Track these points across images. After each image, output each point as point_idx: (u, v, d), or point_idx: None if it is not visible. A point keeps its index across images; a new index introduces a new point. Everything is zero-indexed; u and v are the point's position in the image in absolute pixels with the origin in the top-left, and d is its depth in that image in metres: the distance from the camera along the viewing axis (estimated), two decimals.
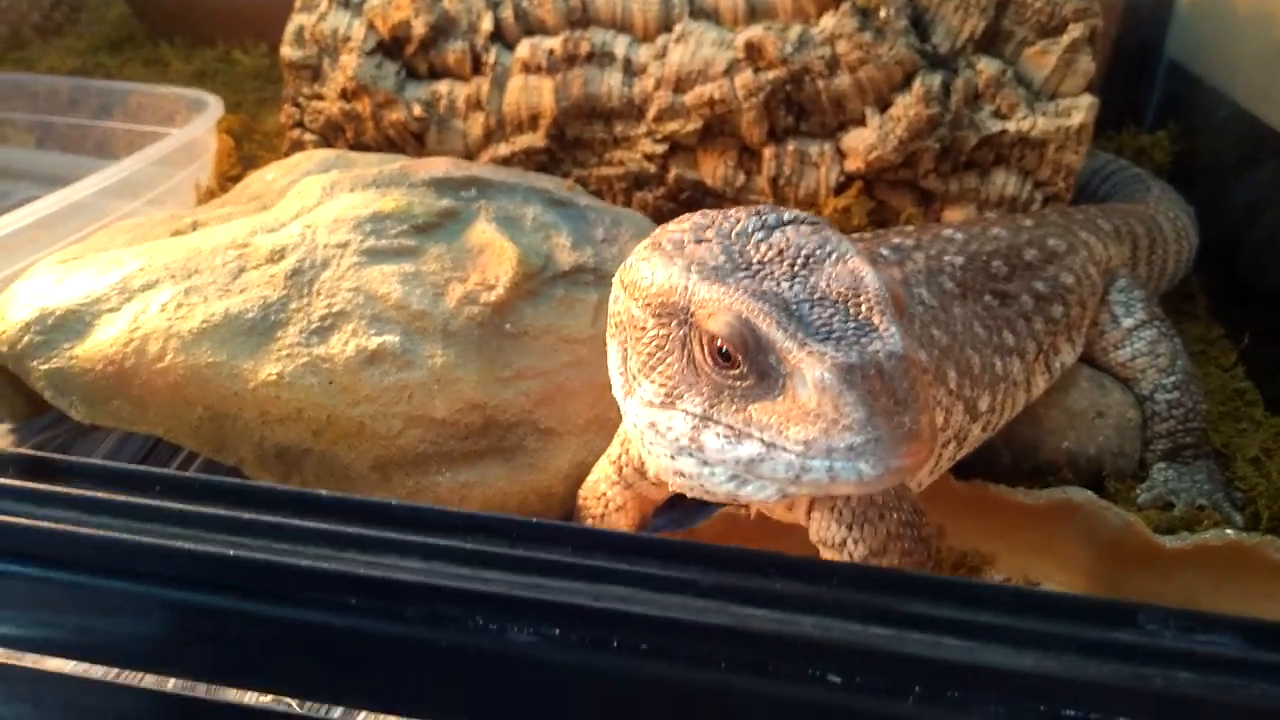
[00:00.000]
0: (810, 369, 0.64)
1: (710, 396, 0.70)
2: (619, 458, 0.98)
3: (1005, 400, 1.09)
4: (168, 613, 0.52)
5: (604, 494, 1.02)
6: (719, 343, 0.69)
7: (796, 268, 0.70)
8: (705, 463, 0.73)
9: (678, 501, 1.09)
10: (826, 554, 0.88)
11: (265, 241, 1.11)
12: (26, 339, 1.04)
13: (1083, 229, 1.31)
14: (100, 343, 1.02)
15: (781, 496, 0.72)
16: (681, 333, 0.73)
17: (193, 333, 1.02)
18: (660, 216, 1.61)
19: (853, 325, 0.66)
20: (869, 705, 0.44)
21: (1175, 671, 0.46)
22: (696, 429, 0.71)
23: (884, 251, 1.09)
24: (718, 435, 0.69)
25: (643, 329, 0.77)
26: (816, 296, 0.68)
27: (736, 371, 0.69)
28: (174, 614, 0.52)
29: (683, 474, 0.77)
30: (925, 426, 0.62)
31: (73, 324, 1.05)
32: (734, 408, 0.69)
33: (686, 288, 0.72)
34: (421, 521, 0.53)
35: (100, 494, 0.55)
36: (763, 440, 0.66)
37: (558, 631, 0.47)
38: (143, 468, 0.58)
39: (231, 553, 0.51)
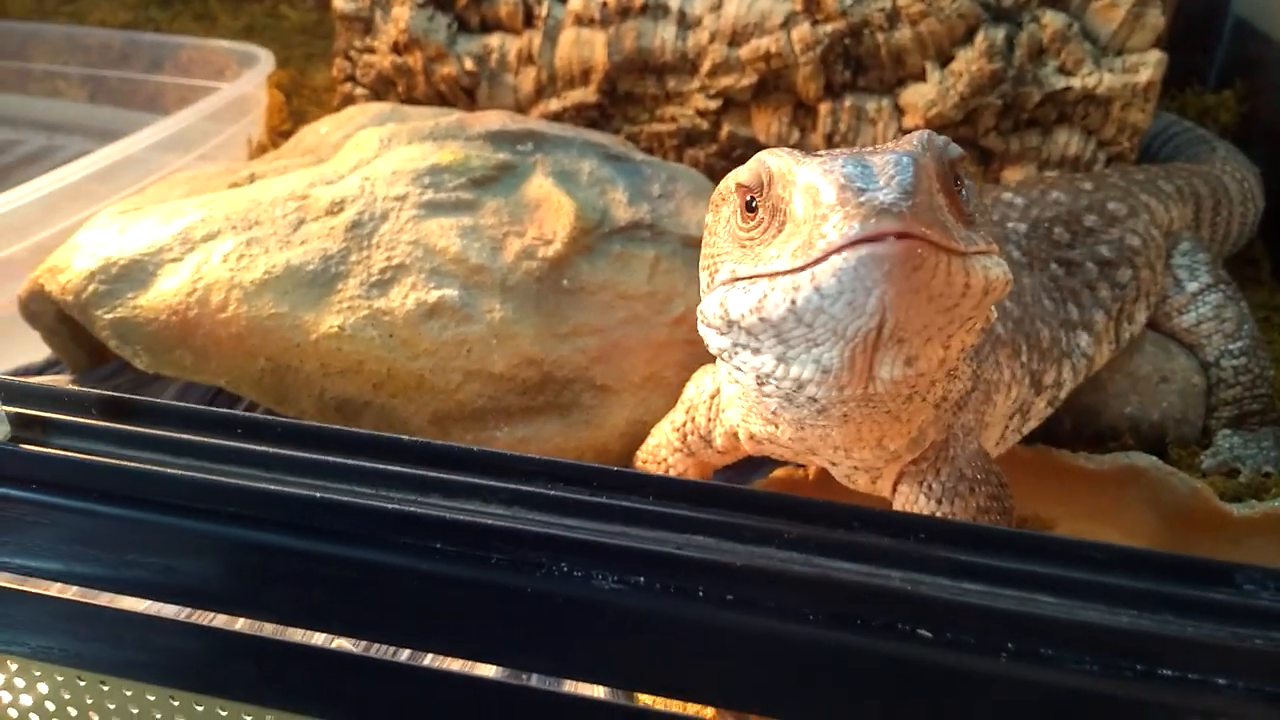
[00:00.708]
0: (801, 176, 0.60)
1: (736, 256, 0.67)
2: (684, 425, 0.97)
3: (1071, 374, 1.07)
4: (252, 554, 0.53)
5: (664, 459, 1.02)
6: (745, 193, 0.66)
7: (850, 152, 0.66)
8: (739, 341, 0.66)
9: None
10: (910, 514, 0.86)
11: (324, 194, 1.11)
12: (91, 288, 1.05)
13: (1143, 190, 1.27)
14: (164, 292, 1.03)
15: (826, 375, 0.62)
16: (728, 210, 0.70)
17: (255, 284, 1.03)
18: (712, 174, 1.59)
19: (863, 159, 0.60)
20: (961, 661, 0.44)
21: (1274, 632, 0.45)
22: (726, 296, 0.66)
23: None
24: (741, 291, 0.64)
25: (710, 230, 0.74)
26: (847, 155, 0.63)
27: (755, 220, 0.65)
28: (258, 556, 0.52)
29: (748, 369, 0.68)
30: (919, 205, 0.55)
31: (136, 274, 1.05)
32: (751, 256, 0.65)
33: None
34: (504, 467, 0.53)
35: (185, 435, 0.56)
36: (766, 275, 0.61)
37: (642, 580, 0.47)
38: (225, 410, 0.59)
39: (319, 495, 0.51)
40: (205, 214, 1.10)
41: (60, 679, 0.61)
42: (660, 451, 1.03)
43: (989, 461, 0.87)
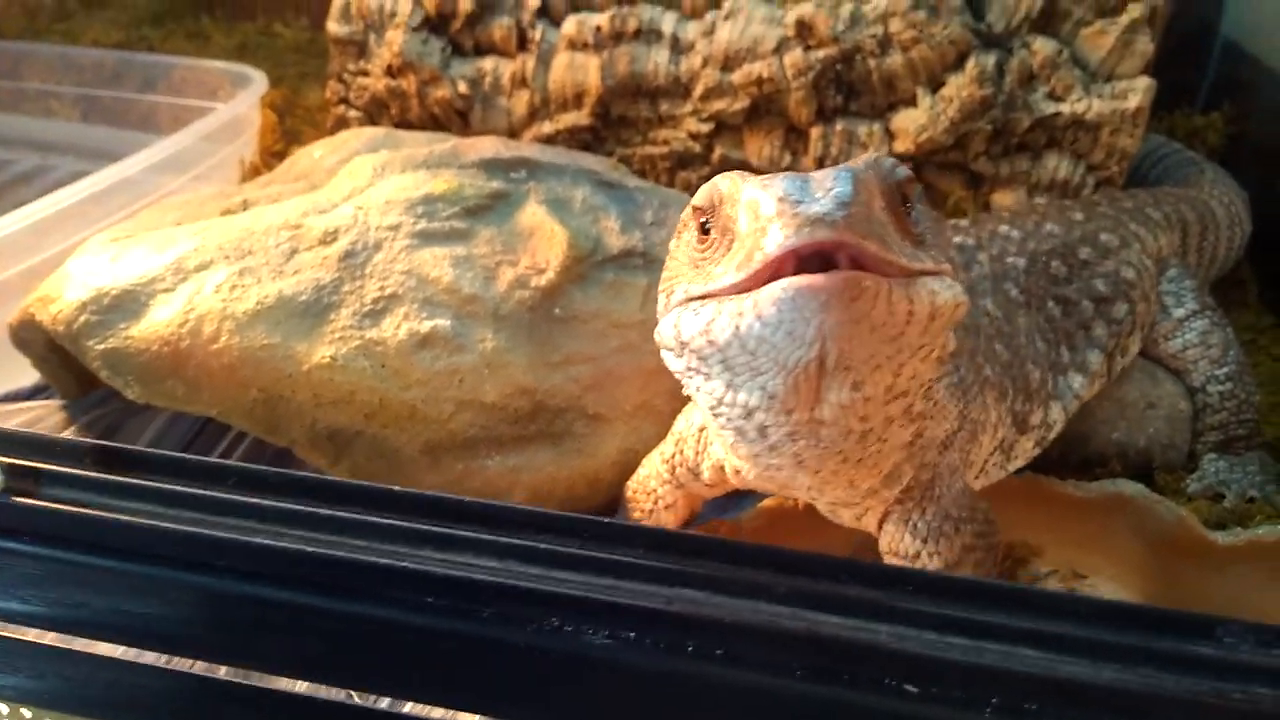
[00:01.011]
0: (744, 193, 0.61)
1: (690, 277, 0.67)
2: (672, 457, 0.98)
3: (1062, 414, 1.07)
4: (244, 607, 0.53)
5: (654, 490, 1.02)
6: (699, 215, 0.67)
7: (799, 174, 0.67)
8: (691, 365, 0.66)
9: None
10: (897, 563, 0.87)
11: (318, 223, 1.11)
12: (83, 318, 1.05)
13: (1132, 220, 1.28)
14: (156, 323, 1.03)
15: (772, 400, 0.63)
16: (688, 235, 0.71)
17: (247, 314, 1.03)
18: None
19: (806, 176, 0.60)
20: (946, 716, 0.44)
21: (1255, 687, 0.46)
22: (680, 317, 0.66)
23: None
24: (692, 313, 0.64)
25: (671, 254, 0.75)
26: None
27: (708, 241, 0.66)
28: (251, 608, 0.53)
29: (703, 394, 0.69)
30: (855, 216, 0.55)
31: (128, 304, 1.06)
32: (702, 275, 0.65)
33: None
34: (494, 519, 0.53)
35: (178, 487, 0.56)
36: (715, 295, 0.61)
37: (633, 635, 0.48)
38: (218, 461, 0.59)
39: (310, 550, 0.51)
40: (198, 243, 1.10)
41: None
42: (650, 483, 1.03)
43: (975, 499, 0.88)
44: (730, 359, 0.62)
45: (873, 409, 0.67)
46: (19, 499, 0.56)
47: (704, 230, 0.67)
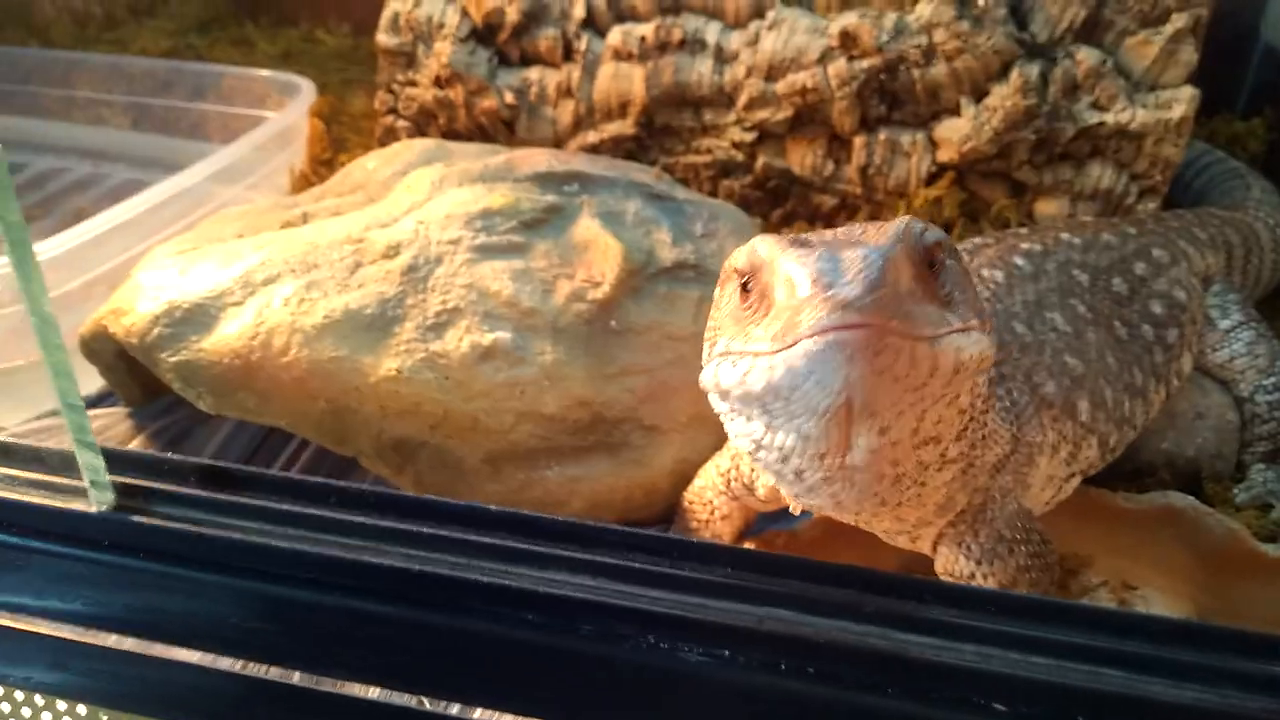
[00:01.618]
0: (782, 267, 0.66)
1: (730, 333, 0.72)
2: (728, 472, 1.00)
3: (1123, 440, 1.08)
4: (349, 621, 0.55)
5: (709, 501, 1.04)
6: (741, 276, 0.72)
7: (839, 236, 0.71)
8: (733, 408, 0.72)
9: None
10: (975, 586, 0.88)
11: (380, 237, 1.14)
12: (156, 331, 1.08)
13: (1180, 238, 1.29)
14: (227, 336, 1.06)
15: (806, 441, 0.68)
16: (731, 287, 0.76)
17: (315, 328, 1.06)
18: (747, 205, 1.62)
19: (837, 252, 0.65)
20: None
21: None
22: (719, 369, 0.72)
23: (1019, 262, 1.08)
24: (730, 365, 0.69)
25: (715, 304, 0.80)
26: (832, 239, 0.69)
27: (748, 302, 0.71)
28: (355, 622, 0.55)
29: (741, 437, 0.75)
30: (882, 299, 0.60)
31: (199, 317, 1.09)
32: (741, 335, 0.70)
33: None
34: (587, 538, 0.56)
35: (281, 505, 0.58)
36: (752, 353, 0.67)
37: (727, 653, 0.50)
38: (319, 480, 0.62)
39: (416, 568, 0.54)
40: (264, 257, 1.13)
41: None
42: (706, 494, 1.05)
43: (1029, 520, 0.89)
44: (768, 405, 0.68)
45: (902, 454, 0.71)
46: (131, 516, 0.59)
47: (745, 289, 0.72)
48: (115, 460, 0.60)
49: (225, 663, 0.59)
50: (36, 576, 0.60)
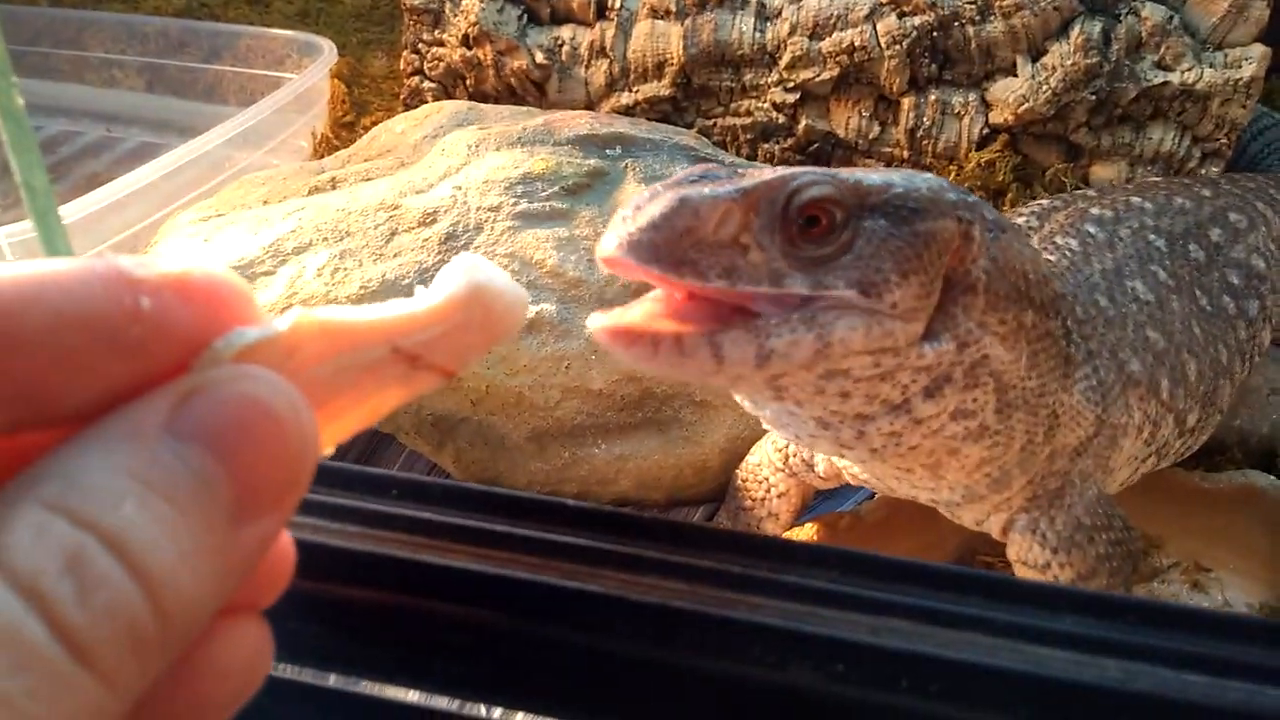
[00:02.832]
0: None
1: None
2: (786, 447, 0.95)
3: (1206, 422, 1.01)
4: (417, 626, 0.51)
5: (766, 478, 1.00)
6: None
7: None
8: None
9: None
10: (1025, 574, 0.84)
11: (416, 203, 1.08)
12: None
13: (1258, 199, 1.21)
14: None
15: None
16: None
17: (350, 299, 1.01)
18: None
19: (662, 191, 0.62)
20: None
21: None
22: None
23: (1090, 229, 1.00)
24: None
25: None
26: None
27: None
28: (425, 627, 0.51)
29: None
30: (652, 241, 0.57)
31: None
32: None
33: None
34: (676, 537, 0.51)
35: (340, 500, 0.54)
36: None
37: (841, 668, 0.45)
38: (380, 471, 0.57)
39: (491, 570, 0.49)
40: (295, 224, 1.08)
41: None
42: (762, 471, 1.00)
43: (1110, 506, 0.84)
44: None
45: (840, 422, 0.68)
46: None
47: None
48: None
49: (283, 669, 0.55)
50: None
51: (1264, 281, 1.11)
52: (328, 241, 1.05)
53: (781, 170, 0.62)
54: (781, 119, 1.55)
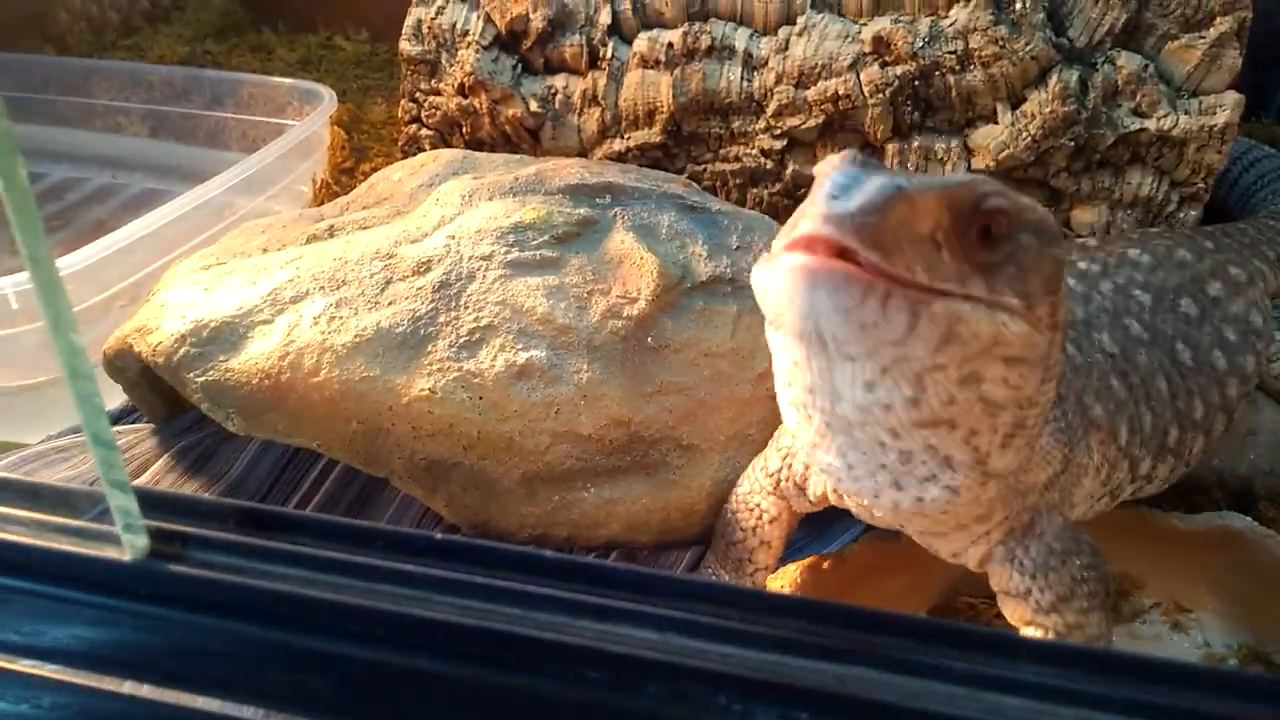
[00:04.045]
0: (822, 170, 0.65)
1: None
2: (778, 471, 0.98)
3: (1168, 473, 1.04)
4: (398, 678, 0.53)
5: (756, 505, 1.02)
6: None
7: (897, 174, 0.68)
8: (767, 319, 0.70)
9: (816, 513, 1.08)
10: (1010, 604, 0.87)
11: (410, 252, 1.11)
12: (183, 351, 1.06)
13: (1254, 256, 1.25)
14: (255, 356, 1.04)
15: (795, 368, 0.68)
16: None
17: (346, 347, 1.03)
18: (776, 213, 1.58)
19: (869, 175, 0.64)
20: None
21: None
22: (759, 267, 0.69)
23: (1070, 282, 1.04)
24: (762, 266, 0.67)
25: None
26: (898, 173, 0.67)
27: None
28: (406, 680, 0.52)
29: (775, 356, 0.73)
30: (869, 226, 0.58)
31: (227, 336, 1.06)
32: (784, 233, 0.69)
33: None
34: (653, 588, 0.53)
35: (325, 552, 0.56)
36: (772, 256, 0.65)
37: (805, 716, 0.47)
38: (366, 523, 0.59)
39: (467, 621, 0.51)
40: (292, 274, 1.10)
41: None
42: (753, 499, 1.02)
43: (1076, 532, 0.87)
44: (770, 315, 0.66)
45: (899, 424, 0.67)
46: (167, 563, 0.56)
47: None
48: (149, 502, 0.57)
49: (251, 712, 0.57)
50: (67, 625, 0.57)
51: (1260, 338, 1.14)
52: (324, 290, 1.08)
53: (963, 175, 0.66)
54: (770, 164, 1.58)
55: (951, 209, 0.63)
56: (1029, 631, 0.85)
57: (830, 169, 0.64)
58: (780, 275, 0.61)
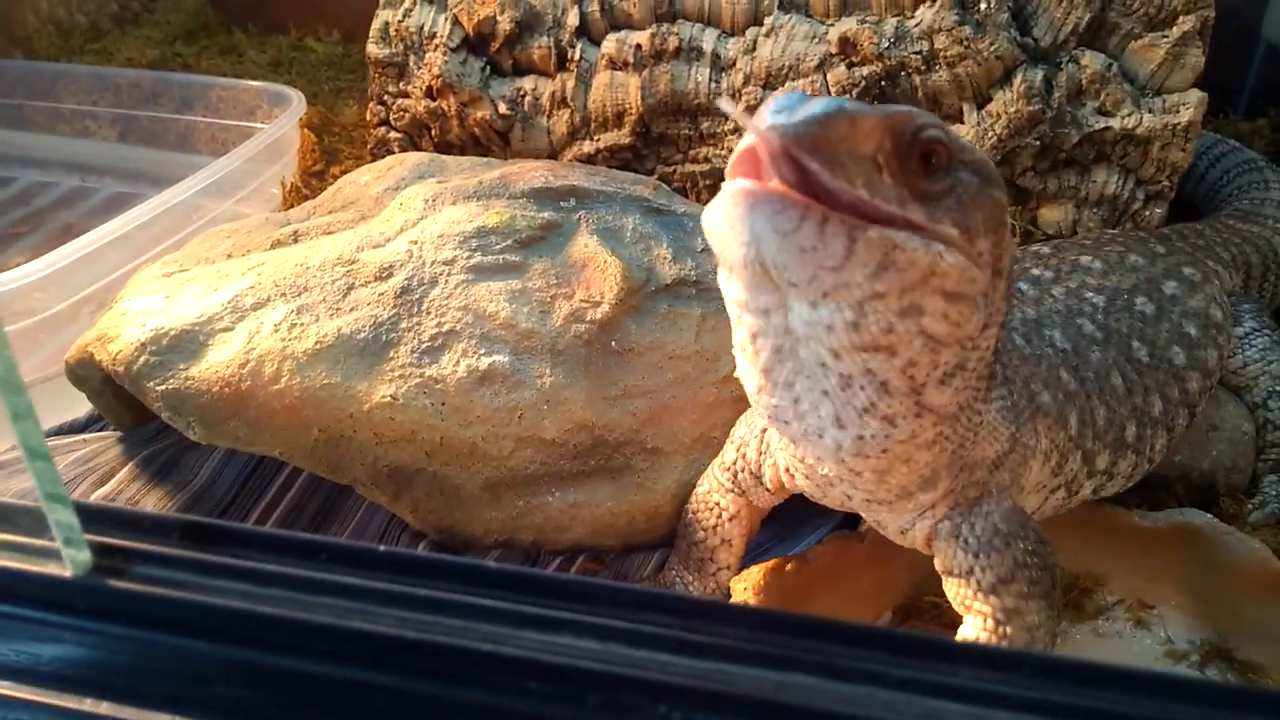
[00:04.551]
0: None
1: None
2: (734, 463, 0.98)
3: (1131, 469, 1.05)
4: (341, 692, 0.53)
5: (716, 503, 1.02)
6: None
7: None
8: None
9: (780, 515, 1.08)
10: (952, 583, 0.87)
11: (373, 258, 1.11)
12: (143, 359, 1.05)
13: (1208, 256, 1.26)
14: (216, 364, 1.03)
15: (740, 300, 0.68)
16: None
17: (307, 354, 1.03)
18: None
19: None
20: None
21: None
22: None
23: (1022, 286, 1.06)
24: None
25: None
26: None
27: None
28: (345, 692, 0.52)
29: (727, 300, 0.72)
30: (811, 136, 0.59)
31: (187, 344, 1.06)
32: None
33: None
34: (596, 597, 0.53)
35: (269, 566, 0.56)
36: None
37: None
38: (310, 536, 0.59)
39: (408, 634, 0.51)
40: (254, 280, 1.10)
41: None
42: (712, 497, 1.03)
43: (1025, 517, 0.88)
44: (715, 244, 0.66)
45: (843, 347, 0.67)
46: (109, 579, 0.56)
47: None
48: (91, 517, 0.57)
49: None
50: (10, 642, 0.57)
51: (1220, 332, 1.15)
52: (285, 297, 1.08)
53: (899, 106, 0.67)
54: None
55: (891, 133, 0.64)
56: (969, 619, 0.86)
57: (777, 96, 0.65)
58: (723, 201, 0.61)
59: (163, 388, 1.03)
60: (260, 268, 1.13)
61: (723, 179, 1.63)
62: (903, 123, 0.65)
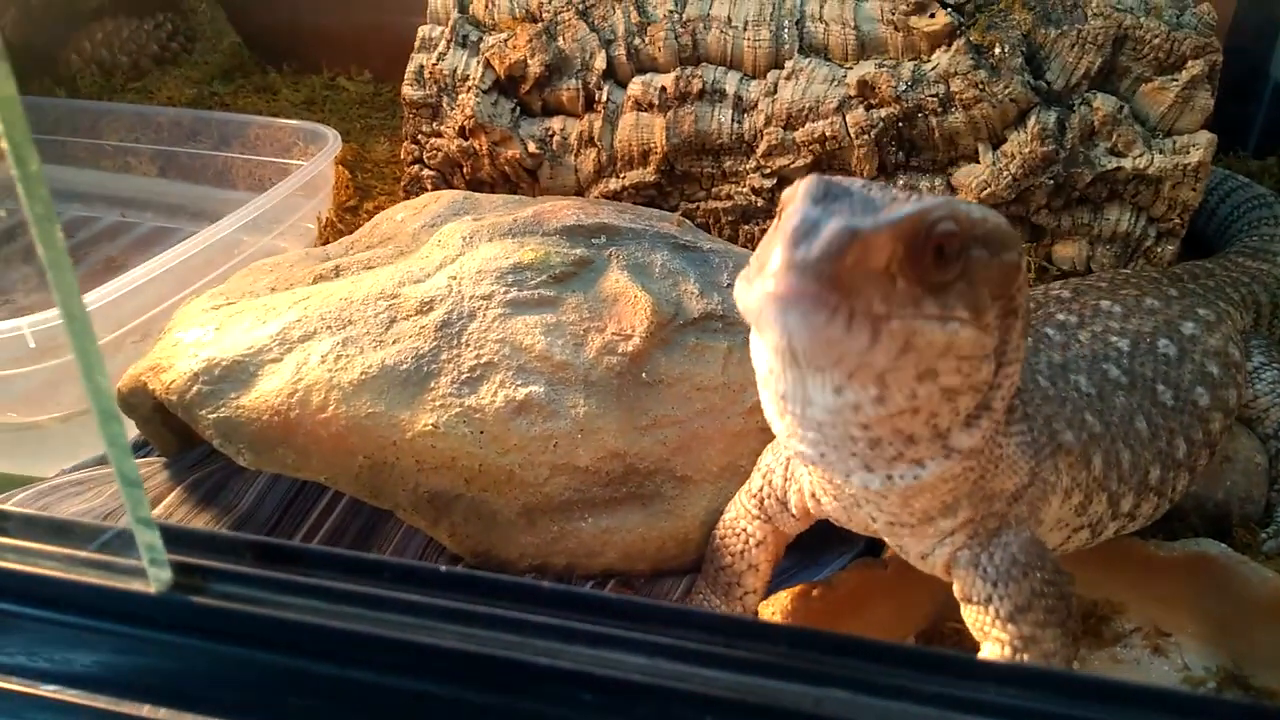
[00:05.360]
0: (790, 204, 0.71)
1: (759, 251, 0.75)
2: (760, 490, 1.02)
3: (1152, 510, 1.08)
4: (407, 702, 0.56)
5: (743, 529, 1.06)
6: (780, 204, 0.76)
7: (870, 194, 0.74)
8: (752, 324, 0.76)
9: (804, 543, 1.12)
10: (971, 610, 0.90)
11: (414, 292, 1.16)
12: (195, 389, 1.10)
13: (1219, 298, 1.30)
14: (265, 393, 1.08)
15: (772, 375, 0.75)
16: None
17: (352, 384, 1.08)
18: None
19: (859, 203, 0.70)
20: None
21: None
22: (739, 282, 0.75)
23: (1049, 332, 1.09)
24: (743, 280, 0.73)
25: None
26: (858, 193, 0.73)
27: (775, 226, 0.74)
28: (415, 704, 0.56)
29: (755, 356, 0.79)
30: (824, 271, 0.64)
31: (238, 374, 1.10)
32: (760, 253, 0.73)
33: None
34: (643, 615, 0.57)
35: (338, 584, 0.60)
36: (748, 275, 0.71)
37: None
38: (374, 556, 0.63)
39: (470, 648, 0.55)
40: (300, 314, 1.15)
41: None
42: (739, 523, 1.07)
43: (1043, 549, 0.91)
44: (753, 324, 0.72)
45: (871, 419, 0.74)
46: (189, 595, 0.60)
47: (781, 215, 0.75)
48: (171, 537, 0.61)
49: None
50: (95, 654, 0.61)
51: (1239, 370, 1.18)
52: (331, 330, 1.13)
53: (916, 202, 0.72)
54: (760, 202, 1.64)
55: (903, 239, 0.69)
56: (987, 645, 0.89)
57: (793, 200, 0.71)
58: (756, 298, 0.68)
59: (214, 416, 1.08)
60: (305, 301, 1.18)
61: (745, 216, 1.68)
62: (914, 227, 0.70)
